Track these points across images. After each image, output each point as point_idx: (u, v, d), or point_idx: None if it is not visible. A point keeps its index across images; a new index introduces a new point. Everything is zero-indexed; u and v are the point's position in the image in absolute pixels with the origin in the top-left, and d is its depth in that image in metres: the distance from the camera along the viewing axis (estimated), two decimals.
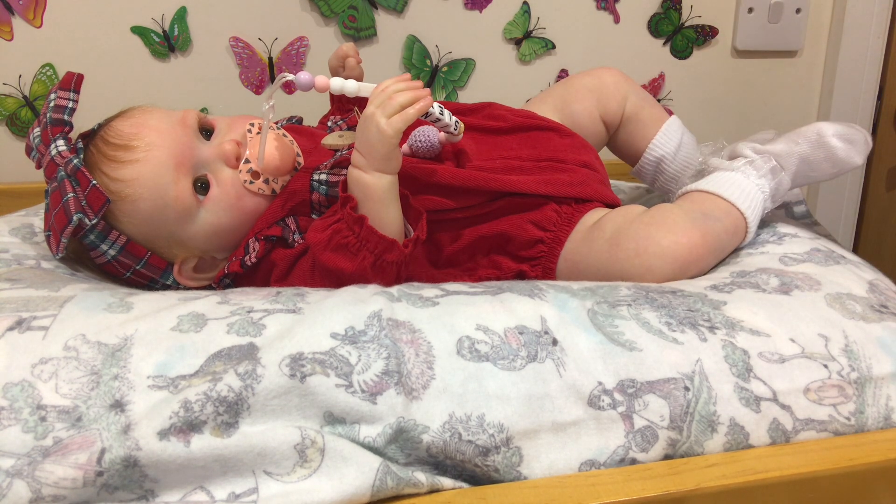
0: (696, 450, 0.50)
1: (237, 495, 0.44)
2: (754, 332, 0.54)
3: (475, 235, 0.71)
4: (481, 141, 0.75)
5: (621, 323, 0.54)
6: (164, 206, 0.65)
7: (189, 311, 0.51)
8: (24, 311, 0.50)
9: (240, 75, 1.08)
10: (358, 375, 0.47)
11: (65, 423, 0.44)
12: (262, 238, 0.67)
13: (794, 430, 0.52)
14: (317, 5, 1.06)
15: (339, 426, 0.47)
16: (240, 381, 0.46)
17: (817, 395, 0.52)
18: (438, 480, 0.47)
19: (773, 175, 0.72)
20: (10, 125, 1.03)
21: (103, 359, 0.47)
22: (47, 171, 0.65)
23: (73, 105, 0.68)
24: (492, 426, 0.47)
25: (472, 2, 1.11)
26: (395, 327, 0.51)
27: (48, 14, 1.00)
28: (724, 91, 1.24)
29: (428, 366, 0.49)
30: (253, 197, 0.67)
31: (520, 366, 0.50)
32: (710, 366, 0.52)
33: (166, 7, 1.03)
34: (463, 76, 1.14)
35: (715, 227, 0.68)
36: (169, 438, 0.44)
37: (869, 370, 0.54)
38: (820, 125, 0.72)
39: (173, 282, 0.69)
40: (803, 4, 1.19)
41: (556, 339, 0.52)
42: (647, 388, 0.50)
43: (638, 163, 0.84)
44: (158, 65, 1.05)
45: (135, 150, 0.64)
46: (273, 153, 0.67)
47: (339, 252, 0.61)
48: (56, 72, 1.02)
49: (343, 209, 0.61)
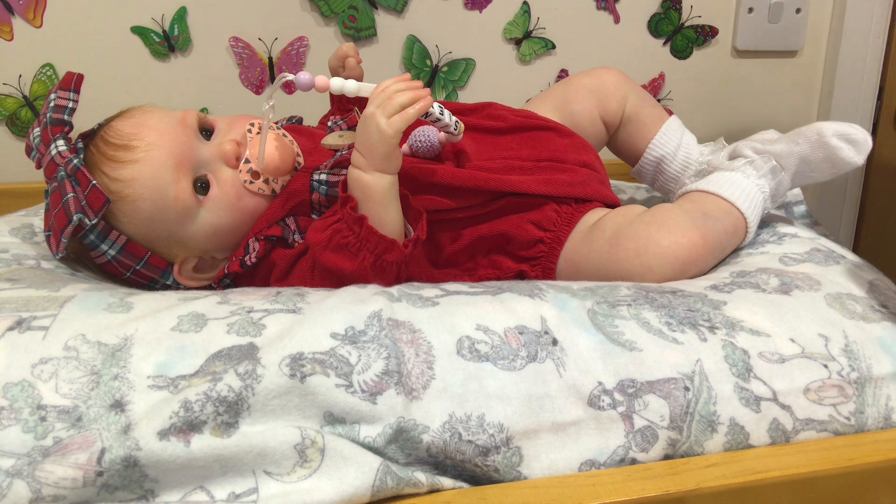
0: (696, 450, 0.50)
1: (237, 495, 0.44)
2: (754, 332, 0.54)
3: (475, 235, 0.71)
4: (481, 141, 0.75)
5: (621, 323, 0.54)
6: (164, 206, 0.65)
7: (189, 311, 0.51)
8: (24, 311, 0.50)
9: (240, 75, 1.08)
10: (358, 375, 0.47)
11: (65, 423, 0.44)
12: (262, 238, 0.66)
13: (794, 430, 0.52)
14: (317, 5, 1.06)
15: (339, 426, 0.47)
16: (240, 381, 0.46)
17: (817, 395, 0.52)
18: (438, 480, 0.47)
19: (773, 175, 0.72)
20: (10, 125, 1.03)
21: (103, 359, 0.47)
22: (47, 171, 0.65)
23: (73, 105, 0.68)
24: (492, 426, 0.47)
25: (472, 2, 1.11)
26: (395, 327, 0.51)
27: (48, 14, 1.00)
28: (724, 91, 1.24)
29: (428, 366, 0.49)
30: (253, 197, 0.67)
31: (520, 366, 0.50)
32: (710, 366, 0.52)
33: (166, 7, 1.03)
34: (463, 76, 1.14)
35: (715, 228, 0.68)
36: (169, 438, 0.44)
37: (869, 370, 0.54)
38: (820, 125, 0.72)
39: (173, 282, 0.69)
40: (803, 4, 1.19)
41: (556, 339, 0.52)
42: (647, 388, 0.50)
43: (638, 163, 0.84)
44: (158, 65, 1.05)
45: (135, 150, 0.64)
46: (273, 153, 0.67)
47: (339, 252, 0.61)
48: (56, 72, 1.02)
49: (343, 209, 0.61)
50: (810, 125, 0.73)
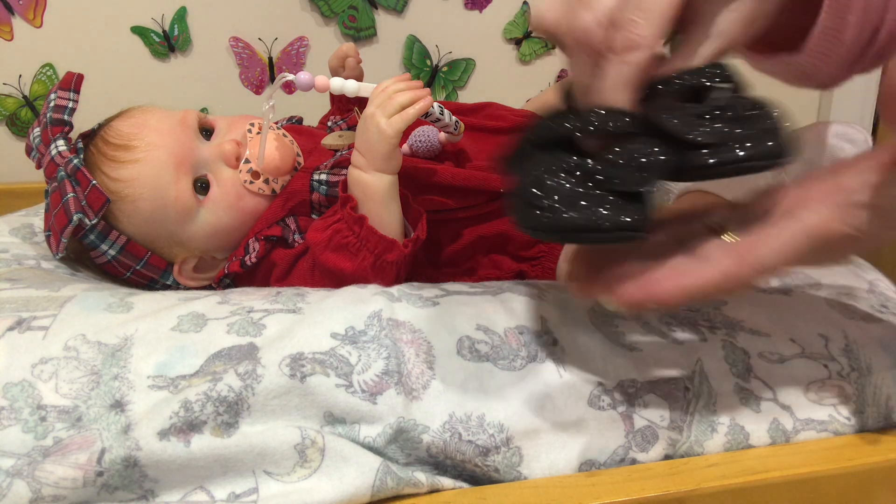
0: (696, 450, 0.50)
1: (237, 495, 0.44)
2: (754, 332, 0.54)
3: (475, 235, 0.71)
4: (481, 141, 0.75)
5: (621, 323, 0.54)
6: (164, 206, 0.65)
7: (189, 311, 0.51)
8: (24, 311, 0.50)
9: (240, 75, 1.08)
10: (358, 375, 0.47)
11: (65, 423, 0.44)
12: (262, 238, 0.67)
13: (794, 430, 0.52)
14: (317, 5, 1.06)
15: (340, 426, 0.47)
16: (240, 381, 0.46)
17: (817, 395, 0.52)
18: (438, 480, 0.47)
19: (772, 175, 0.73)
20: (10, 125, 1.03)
21: (103, 359, 0.47)
22: (47, 171, 0.65)
23: (73, 105, 0.68)
24: (492, 426, 0.47)
25: (472, 2, 1.11)
26: (395, 327, 0.51)
27: (48, 14, 1.00)
28: None
29: (428, 366, 0.49)
30: (253, 197, 0.67)
31: (520, 366, 0.50)
32: (710, 366, 0.52)
33: (166, 7, 1.03)
34: (463, 76, 1.14)
35: None
36: (169, 438, 0.44)
37: (869, 370, 0.54)
38: (820, 125, 0.72)
39: (173, 282, 0.69)
40: None
41: (556, 339, 0.52)
42: (647, 388, 0.50)
43: None
44: (158, 65, 1.05)
45: (135, 150, 0.64)
46: (273, 153, 0.67)
47: (339, 252, 0.61)
48: (56, 72, 1.03)
49: (343, 209, 0.61)
50: (810, 125, 0.73)
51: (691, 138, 0.39)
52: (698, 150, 0.39)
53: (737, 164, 0.38)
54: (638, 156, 0.39)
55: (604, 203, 0.39)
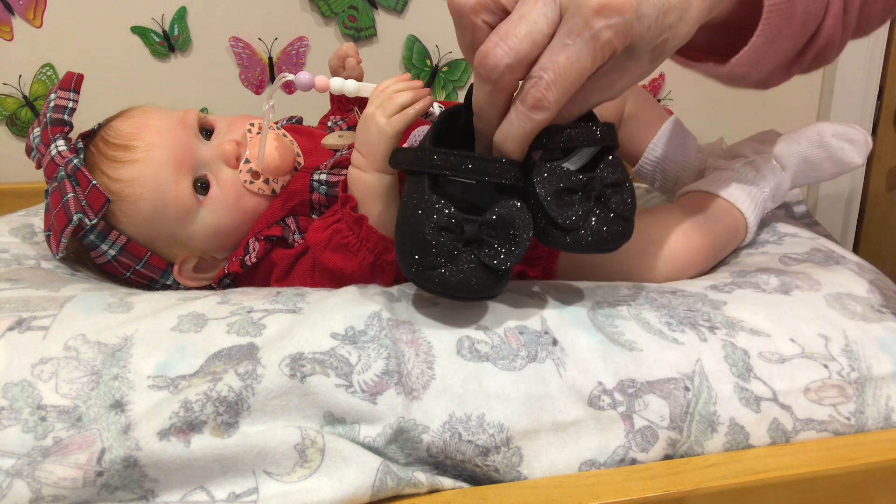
0: (696, 450, 0.50)
1: (237, 495, 0.44)
2: (754, 332, 0.54)
3: None
4: None
5: (621, 323, 0.54)
6: (165, 206, 0.65)
7: (189, 311, 0.51)
8: (24, 311, 0.50)
9: (240, 75, 1.08)
10: (358, 375, 0.47)
11: (65, 423, 0.44)
12: (262, 238, 0.66)
13: (794, 430, 0.52)
14: (317, 5, 1.06)
15: (339, 426, 0.47)
16: (240, 381, 0.46)
17: (817, 395, 0.52)
18: (438, 480, 0.47)
19: (773, 175, 0.73)
20: (10, 125, 1.03)
21: (103, 359, 0.47)
22: (47, 171, 0.65)
23: (73, 105, 0.68)
24: (492, 426, 0.47)
25: None
26: (395, 327, 0.51)
27: (48, 14, 1.00)
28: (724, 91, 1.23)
29: (428, 366, 0.49)
30: (253, 197, 0.67)
31: (520, 366, 0.50)
32: (710, 366, 0.52)
33: (166, 7, 1.03)
34: (463, 76, 1.14)
35: (715, 228, 0.68)
36: (169, 438, 0.44)
37: (869, 370, 0.54)
38: (820, 125, 0.72)
39: (173, 282, 0.69)
40: None
41: (556, 339, 0.52)
42: (647, 388, 0.50)
43: (638, 163, 0.84)
44: (158, 65, 1.05)
45: (135, 150, 0.64)
46: (273, 153, 0.67)
47: (339, 252, 0.61)
48: (56, 72, 1.03)
49: (343, 209, 0.61)
50: (810, 125, 0.73)
51: (560, 223, 0.49)
52: (561, 230, 0.49)
53: (589, 250, 0.50)
54: (514, 234, 0.48)
55: (473, 270, 0.48)
